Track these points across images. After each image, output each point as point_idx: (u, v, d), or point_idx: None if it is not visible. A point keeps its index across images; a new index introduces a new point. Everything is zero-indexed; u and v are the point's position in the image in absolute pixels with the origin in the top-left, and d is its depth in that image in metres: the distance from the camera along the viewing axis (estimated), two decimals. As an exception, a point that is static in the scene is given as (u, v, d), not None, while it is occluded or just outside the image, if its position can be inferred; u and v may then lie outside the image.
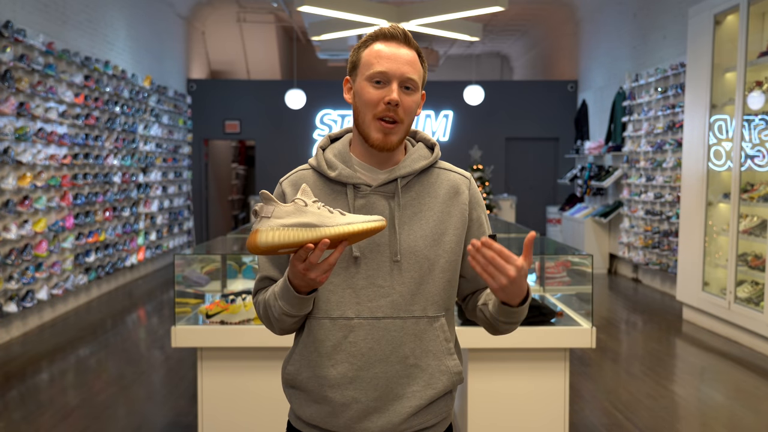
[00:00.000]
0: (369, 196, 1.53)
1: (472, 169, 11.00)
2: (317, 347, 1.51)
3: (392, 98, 1.46)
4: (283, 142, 12.64)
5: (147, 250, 9.53)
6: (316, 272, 1.36)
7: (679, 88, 7.90)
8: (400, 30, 1.51)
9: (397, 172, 1.53)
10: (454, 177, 1.60)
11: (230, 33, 13.74)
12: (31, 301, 6.16)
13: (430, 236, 1.52)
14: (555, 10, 12.82)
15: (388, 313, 1.49)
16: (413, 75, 1.49)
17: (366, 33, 8.57)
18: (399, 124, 1.49)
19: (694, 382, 5.07)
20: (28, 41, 6.25)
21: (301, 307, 1.46)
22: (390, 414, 1.50)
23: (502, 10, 6.71)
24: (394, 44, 1.50)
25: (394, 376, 1.50)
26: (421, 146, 1.60)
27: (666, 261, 8.11)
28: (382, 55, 1.49)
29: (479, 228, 1.59)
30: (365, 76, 1.50)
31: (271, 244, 1.32)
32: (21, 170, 6.22)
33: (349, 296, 1.50)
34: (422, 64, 1.54)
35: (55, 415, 4.18)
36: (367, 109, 1.49)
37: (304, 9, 6.57)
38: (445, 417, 1.58)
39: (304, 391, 1.54)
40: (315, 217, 1.34)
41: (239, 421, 3.28)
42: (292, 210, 1.34)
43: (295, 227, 1.33)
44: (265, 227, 1.32)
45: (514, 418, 3.24)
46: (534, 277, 4.23)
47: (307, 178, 1.57)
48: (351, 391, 1.49)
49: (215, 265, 4.00)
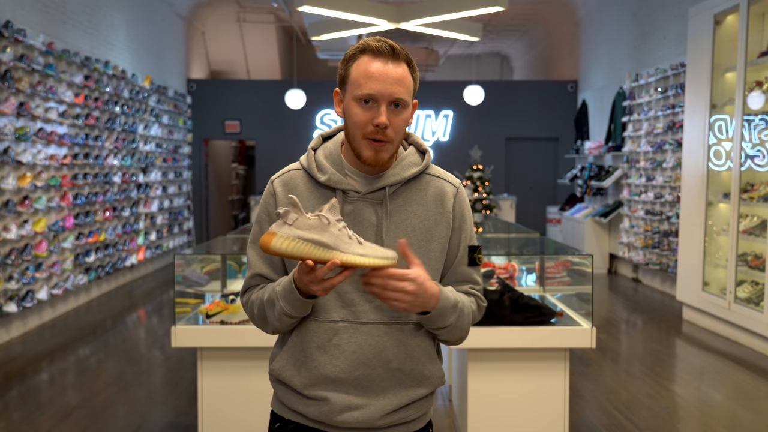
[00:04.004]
0: (357, 202, 1.54)
1: (472, 169, 11.00)
2: (303, 347, 1.54)
3: (380, 122, 1.46)
4: (283, 142, 12.64)
5: (147, 250, 9.53)
6: (318, 287, 1.39)
7: (679, 88, 7.89)
8: (387, 44, 1.48)
9: (386, 180, 1.54)
10: (442, 184, 1.60)
11: (230, 33, 13.74)
12: (31, 301, 6.16)
13: (416, 244, 1.54)
14: (555, 10, 12.82)
15: (372, 318, 1.52)
16: (402, 94, 1.47)
17: (366, 34, 8.51)
18: (389, 143, 1.49)
19: (694, 382, 5.07)
20: (28, 41, 6.25)
21: (301, 310, 1.49)
22: (371, 409, 1.52)
23: (502, 10, 6.71)
24: (381, 61, 1.47)
25: (376, 379, 1.52)
26: (412, 151, 1.60)
27: (666, 261, 8.11)
28: (370, 75, 1.46)
29: (459, 238, 1.59)
30: (353, 95, 1.48)
31: (282, 251, 1.35)
32: (21, 170, 6.22)
33: (335, 300, 1.52)
34: (413, 74, 1.51)
35: (55, 415, 4.18)
36: (356, 129, 1.49)
37: (304, 9, 6.57)
38: (425, 412, 1.61)
39: (290, 386, 1.57)
40: (333, 238, 1.36)
41: (239, 421, 3.28)
42: (315, 225, 1.36)
43: (311, 243, 1.35)
44: (283, 233, 1.35)
45: (514, 418, 3.24)
46: (534, 277, 4.23)
47: (297, 179, 1.58)
48: (333, 391, 1.52)
49: (215, 265, 4.00)
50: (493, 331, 3.15)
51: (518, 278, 4.19)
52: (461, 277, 1.61)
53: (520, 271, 4.25)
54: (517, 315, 3.19)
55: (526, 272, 4.30)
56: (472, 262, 1.60)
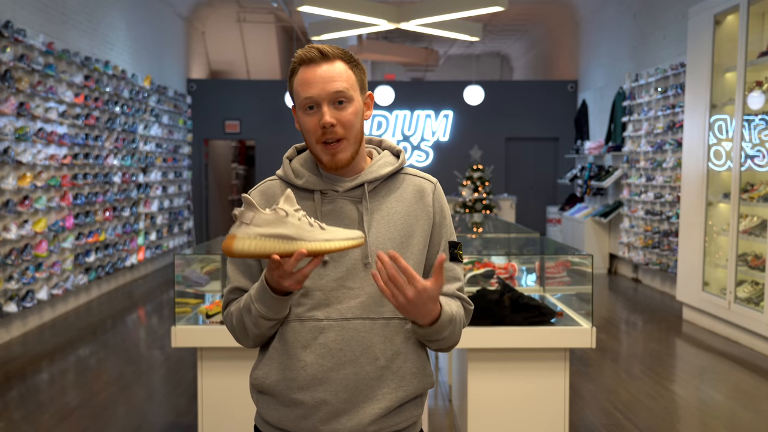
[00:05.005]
0: (336, 201, 1.54)
1: (472, 169, 11.00)
2: (287, 350, 1.52)
3: (325, 121, 1.47)
4: (283, 142, 12.63)
5: (147, 250, 9.53)
6: (290, 281, 1.38)
7: (679, 88, 7.89)
8: (315, 50, 1.51)
9: (363, 177, 1.55)
10: (420, 182, 1.61)
11: (230, 33, 13.74)
12: (31, 301, 6.16)
13: (398, 239, 1.54)
14: (555, 10, 12.82)
15: (357, 314, 1.50)
16: (339, 88, 1.48)
17: (366, 34, 8.54)
18: (343, 140, 1.50)
19: (694, 382, 5.07)
20: (28, 41, 6.25)
21: (278, 310, 1.46)
22: (359, 415, 1.50)
23: (502, 10, 6.72)
24: (314, 66, 1.50)
25: (364, 378, 1.50)
26: (387, 153, 1.62)
27: (666, 261, 8.11)
28: (306, 81, 1.49)
29: (440, 233, 1.60)
30: (298, 104, 1.52)
31: (246, 252, 1.32)
32: (21, 170, 6.22)
33: (319, 298, 1.51)
34: (354, 68, 1.53)
35: (55, 415, 4.18)
36: (309, 136, 1.52)
37: (304, 9, 6.57)
38: (415, 422, 1.59)
39: (273, 395, 1.54)
40: (294, 229, 1.34)
41: (239, 421, 3.28)
42: (272, 219, 1.34)
43: (272, 238, 1.33)
44: (242, 234, 1.33)
45: (514, 418, 3.24)
46: (534, 277, 4.23)
47: (275, 188, 1.59)
48: (321, 393, 1.49)
49: (215, 265, 4.00)
50: (493, 331, 3.15)
51: (518, 278, 4.19)
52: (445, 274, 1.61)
53: (520, 271, 4.25)
54: (517, 315, 3.19)
55: (526, 272, 4.30)
56: (453, 257, 1.61)
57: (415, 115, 12.94)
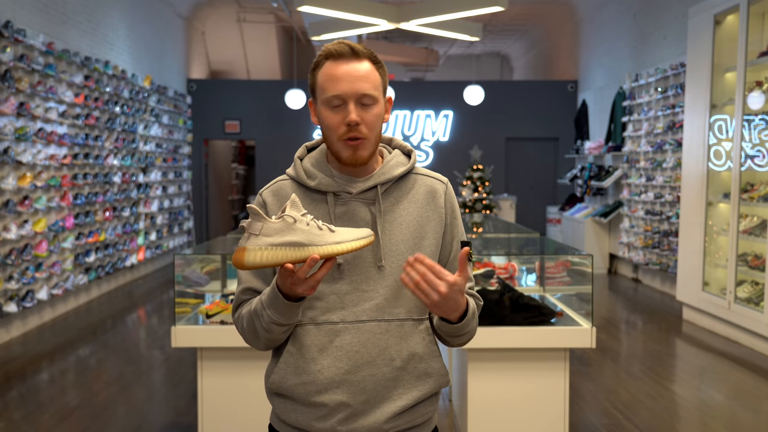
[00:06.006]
0: (349, 203, 1.54)
1: (472, 169, 11.00)
2: (303, 353, 1.52)
3: (351, 119, 1.47)
4: (283, 142, 12.64)
5: (147, 250, 9.53)
6: (303, 287, 1.37)
7: (679, 88, 7.90)
8: (346, 46, 1.50)
9: (376, 179, 1.55)
10: (432, 182, 1.62)
11: (230, 33, 13.74)
12: (31, 301, 6.16)
13: (411, 240, 1.55)
14: (555, 10, 12.82)
15: (372, 316, 1.51)
16: (368, 90, 1.48)
17: (366, 33, 8.53)
18: (365, 139, 1.50)
19: (694, 382, 5.07)
20: (28, 41, 6.25)
21: (290, 315, 1.46)
22: (377, 415, 1.51)
23: (502, 10, 6.71)
24: (343, 62, 1.49)
25: (381, 379, 1.51)
26: (397, 153, 1.62)
27: (666, 261, 8.11)
28: (334, 77, 1.48)
29: (451, 233, 1.61)
30: (322, 100, 1.51)
31: (258, 264, 1.31)
32: (21, 170, 6.22)
33: (334, 301, 1.51)
34: (379, 69, 1.53)
35: (55, 415, 4.18)
36: (331, 132, 1.51)
37: (304, 9, 6.57)
38: (430, 417, 1.61)
39: (291, 398, 1.54)
40: (304, 235, 1.33)
41: (239, 421, 3.28)
42: (281, 227, 1.33)
43: (283, 246, 1.32)
44: (252, 246, 1.31)
45: (514, 418, 3.24)
46: (534, 277, 4.23)
47: (287, 188, 1.58)
48: (339, 395, 1.49)
49: (215, 265, 4.00)
50: (493, 331, 3.15)
51: (518, 278, 4.19)
52: None
53: (520, 271, 4.25)
54: (517, 315, 3.19)
55: (526, 272, 4.30)
56: None
57: (415, 115, 12.95)
